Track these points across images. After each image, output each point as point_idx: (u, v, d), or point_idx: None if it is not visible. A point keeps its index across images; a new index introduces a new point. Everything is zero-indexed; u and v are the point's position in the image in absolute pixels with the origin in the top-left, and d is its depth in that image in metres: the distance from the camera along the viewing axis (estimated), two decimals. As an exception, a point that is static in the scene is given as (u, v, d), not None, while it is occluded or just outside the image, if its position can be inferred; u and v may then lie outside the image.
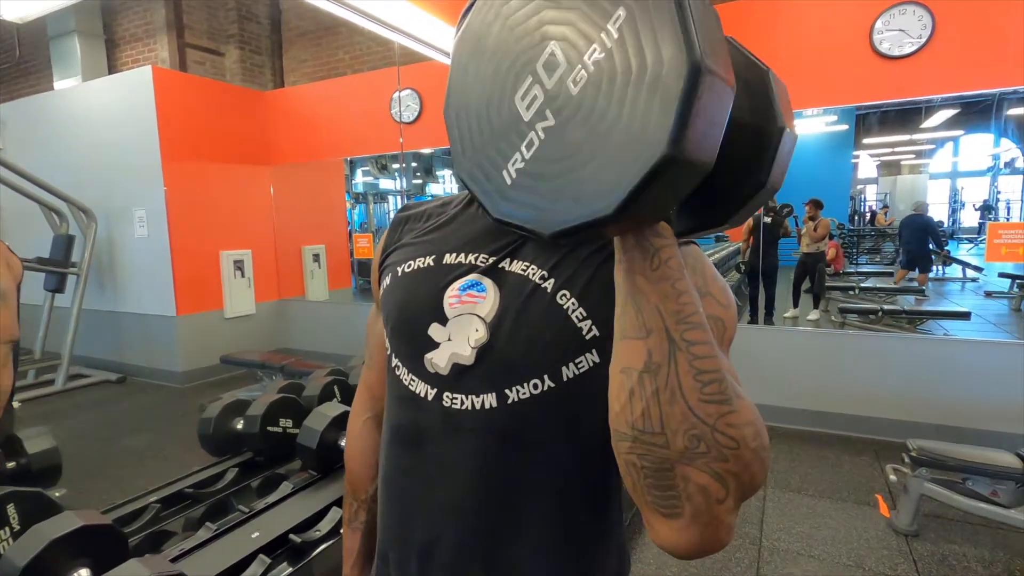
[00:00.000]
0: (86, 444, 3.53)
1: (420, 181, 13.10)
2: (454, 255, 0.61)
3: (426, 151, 9.33)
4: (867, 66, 3.20)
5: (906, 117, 12.70)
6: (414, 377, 0.59)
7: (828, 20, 3.27)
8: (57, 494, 1.46)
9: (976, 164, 17.03)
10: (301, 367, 3.93)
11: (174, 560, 1.07)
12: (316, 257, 5.88)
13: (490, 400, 0.55)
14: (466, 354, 0.56)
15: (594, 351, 0.54)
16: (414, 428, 0.59)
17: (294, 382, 1.87)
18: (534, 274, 0.57)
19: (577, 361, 0.54)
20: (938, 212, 16.84)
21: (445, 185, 13.94)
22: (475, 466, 0.56)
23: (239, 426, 1.67)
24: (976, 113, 12.75)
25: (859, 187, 16.68)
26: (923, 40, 3.04)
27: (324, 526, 1.26)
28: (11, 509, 1.15)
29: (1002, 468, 2.22)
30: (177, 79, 4.72)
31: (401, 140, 4.65)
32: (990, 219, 14.73)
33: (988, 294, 7.58)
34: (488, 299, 0.57)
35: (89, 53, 5.45)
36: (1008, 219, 14.01)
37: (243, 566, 1.11)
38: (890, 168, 17.63)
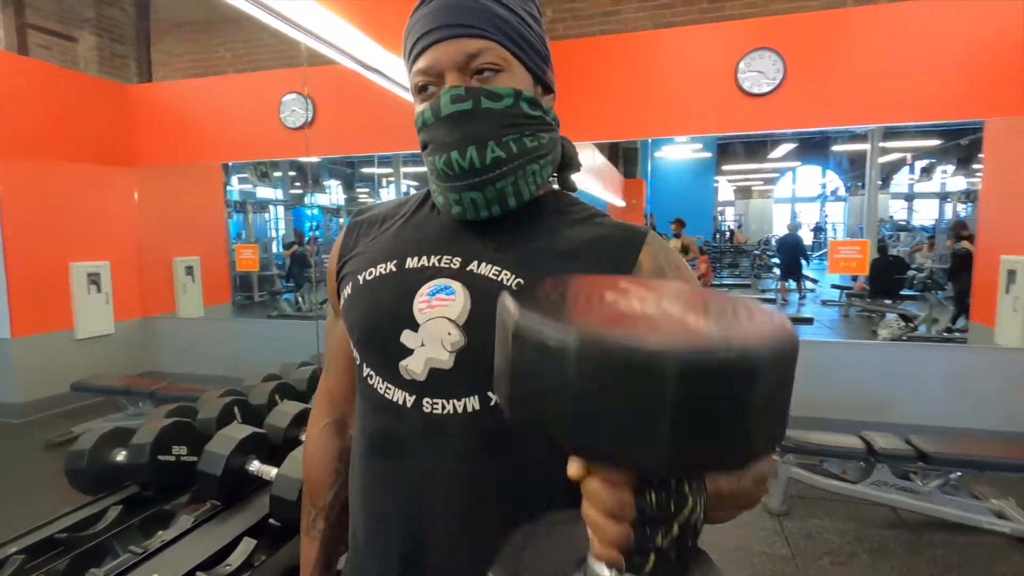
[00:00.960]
0: None
1: (300, 191, 12.43)
2: (416, 259, 0.60)
3: (314, 159, 8.91)
4: (733, 101, 3.62)
5: (756, 148, 14.53)
6: (390, 385, 0.58)
7: (701, 58, 3.66)
8: None
9: (810, 191, 19.82)
10: (176, 392, 3.54)
11: (55, 616, 0.91)
12: (189, 270, 5.35)
13: (472, 403, 0.55)
14: (444, 358, 0.55)
15: None
16: (393, 436, 0.58)
17: (184, 405, 1.68)
18: (507, 279, 0.57)
19: None
20: (781, 233, 19.31)
21: (332, 196, 13.35)
22: (461, 470, 0.56)
23: (119, 457, 1.47)
24: (810, 147, 14.87)
25: (720, 208, 18.66)
26: (777, 82, 3.51)
27: (235, 559, 1.15)
28: None
29: (849, 449, 2.59)
30: (15, 64, 4.08)
31: (307, 145, 4.40)
32: (820, 239, 17.23)
33: (824, 303, 8.82)
34: (458, 301, 0.56)
35: None
36: (835, 238, 16.43)
37: (141, 614, 0.98)
38: (743, 192, 19.96)
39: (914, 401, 3.49)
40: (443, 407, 0.55)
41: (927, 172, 14.44)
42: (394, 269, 0.60)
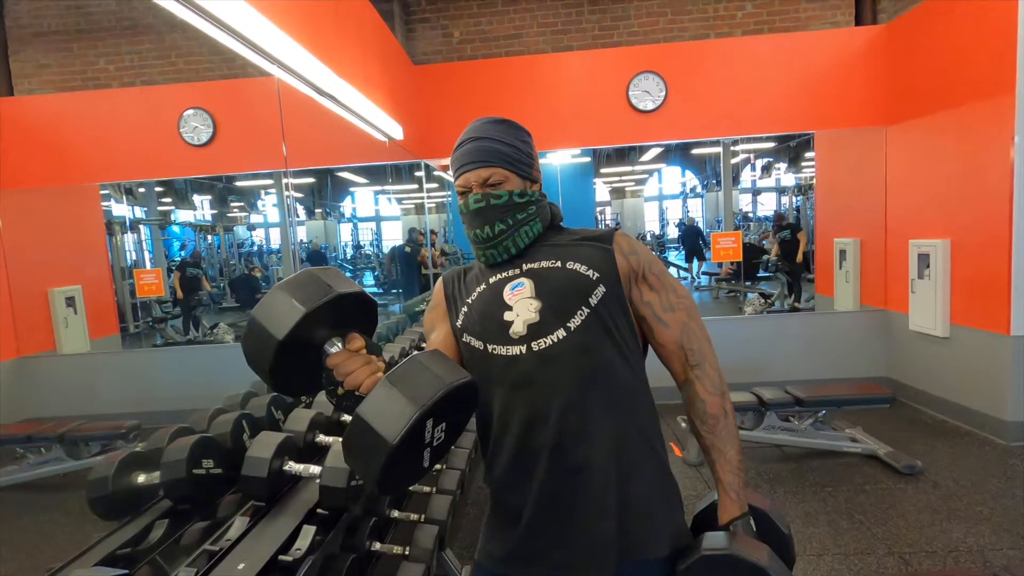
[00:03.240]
0: None
1: (168, 208, 11.38)
2: (493, 277, 1.01)
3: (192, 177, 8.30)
4: (625, 117, 4.15)
5: (628, 152, 15.90)
6: (508, 346, 0.93)
7: (595, 78, 4.15)
8: None
9: (673, 190, 21.94)
10: (89, 432, 3.27)
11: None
12: (71, 300, 4.84)
13: (559, 333, 0.90)
14: (533, 317, 0.92)
15: (600, 285, 0.93)
16: (520, 375, 0.91)
17: (184, 427, 1.71)
18: (547, 264, 0.98)
19: (595, 292, 0.92)
20: (654, 227, 21.22)
21: (201, 212, 12.35)
22: (571, 371, 0.90)
23: (142, 479, 1.50)
24: (670, 151, 16.55)
25: (599, 208, 20.08)
26: (661, 100, 4.09)
27: (302, 543, 1.29)
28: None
29: (745, 404, 3.17)
30: None
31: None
32: (682, 232, 19.20)
33: (697, 288, 10.01)
34: (527, 287, 0.96)
35: None
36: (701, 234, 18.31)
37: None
38: (618, 193, 21.66)
39: (780, 361, 4.27)
40: (544, 343, 0.90)
41: (766, 170, 16.76)
42: (486, 287, 1.01)
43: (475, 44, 4.36)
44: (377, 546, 1.69)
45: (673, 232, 20.44)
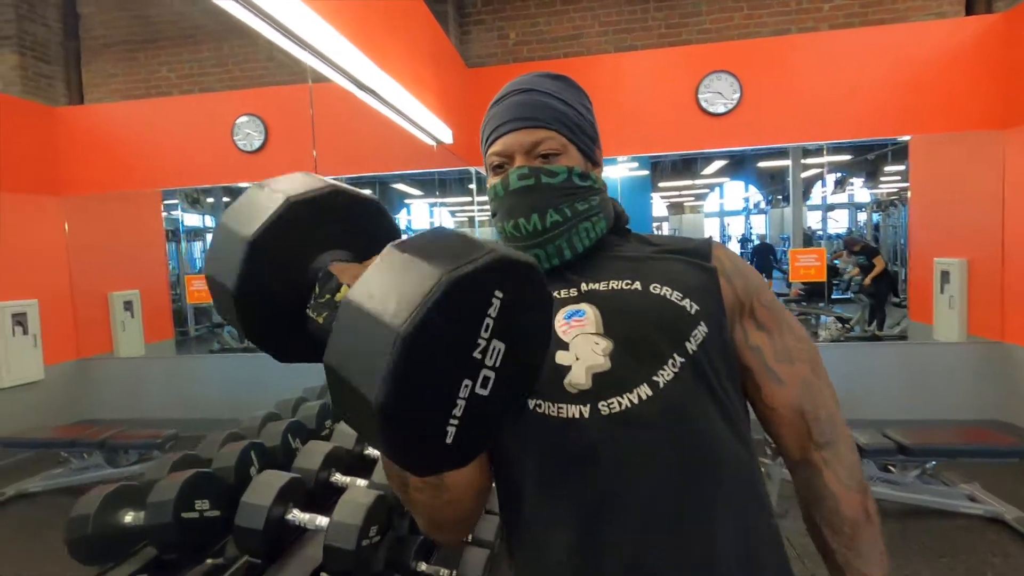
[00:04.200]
0: None
1: (236, 217, 11.79)
2: None
3: (245, 184, 8.52)
4: (694, 121, 3.80)
5: (688, 166, 15.30)
6: (560, 404, 0.62)
7: (662, 80, 3.83)
8: None
9: (735, 205, 21.07)
10: (131, 439, 3.22)
11: None
12: (128, 305, 4.93)
13: (644, 391, 0.61)
14: (600, 362, 0.62)
15: (701, 323, 0.65)
16: (580, 448, 0.61)
17: (190, 455, 1.52)
18: (618, 284, 0.68)
19: (693, 334, 0.64)
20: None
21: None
22: (663, 448, 0.60)
23: (129, 519, 1.30)
24: (736, 165, 15.84)
25: (656, 224, 19.49)
26: (734, 102, 3.72)
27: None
28: None
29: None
30: (-76, 83, 3.66)
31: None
32: (746, 249, 18.32)
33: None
34: (590, 317, 0.66)
35: None
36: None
37: None
38: (676, 208, 20.95)
39: (868, 398, 3.74)
40: (618, 404, 0.60)
41: (840, 185, 15.73)
42: None
43: (532, 46, 4.14)
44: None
45: (736, 249, 19.55)
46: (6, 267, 3.97)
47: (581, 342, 0.64)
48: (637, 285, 0.67)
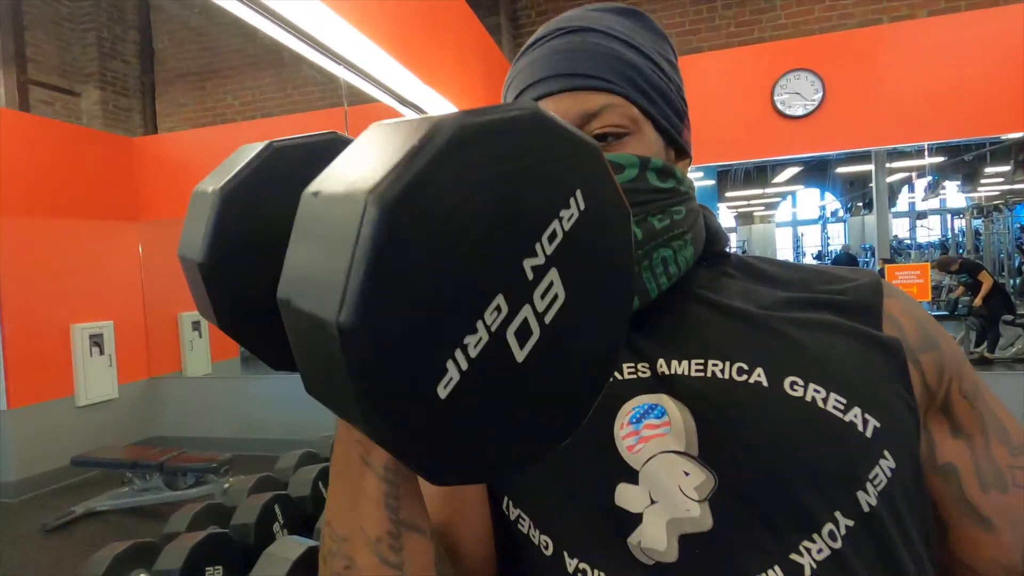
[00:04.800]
0: None
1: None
2: None
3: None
4: (768, 125, 3.46)
5: (758, 174, 14.55)
6: (624, 573, 0.37)
7: (733, 82, 3.52)
8: None
9: (809, 214, 19.89)
10: (187, 463, 3.24)
11: None
12: (196, 325, 5.10)
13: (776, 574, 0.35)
14: (695, 513, 0.37)
15: (886, 452, 0.37)
16: None
17: (213, 504, 1.41)
18: (722, 370, 0.40)
19: (872, 476, 0.37)
20: (786, 256, 19.29)
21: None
22: None
23: (141, 581, 1.19)
24: (810, 171, 14.92)
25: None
26: (816, 103, 3.36)
27: None
28: None
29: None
30: (16, 120, 3.93)
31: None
32: (827, 262, 17.15)
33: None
34: (676, 423, 0.39)
35: None
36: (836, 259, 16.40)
37: None
38: (745, 218, 19.98)
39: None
40: None
41: (932, 189, 14.47)
42: None
43: (589, 54, 3.96)
44: None
45: (810, 263, 18.34)
46: (86, 291, 4.19)
47: (661, 469, 0.38)
48: (759, 375, 0.39)
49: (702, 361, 0.41)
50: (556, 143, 0.25)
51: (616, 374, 0.43)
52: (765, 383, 0.39)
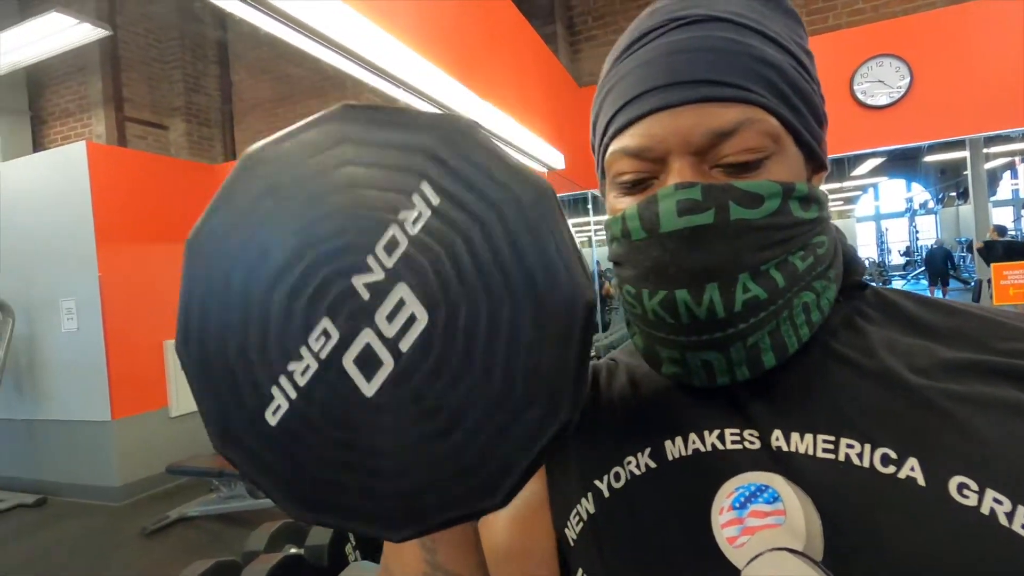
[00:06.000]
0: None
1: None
2: (682, 441, 0.36)
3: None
4: (847, 116, 3.23)
5: (836, 166, 13.70)
6: None
7: (806, 75, 3.32)
8: None
9: (895, 207, 18.49)
10: (267, 471, 3.39)
11: None
12: (274, 339, 5.39)
13: None
14: None
15: None
16: None
17: (287, 524, 1.45)
18: (860, 455, 0.31)
19: None
20: (869, 253, 18.02)
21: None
22: None
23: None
24: (895, 161, 13.88)
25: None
26: (902, 91, 3.10)
27: None
28: None
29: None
30: (115, 155, 4.30)
31: None
32: (916, 259, 15.87)
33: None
34: (793, 515, 0.31)
35: (12, 131, 4.96)
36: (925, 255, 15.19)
37: None
38: (821, 214, 18.88)
39: None
40: None
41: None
42: (653, 464, 0.37)
43: (648, 56, 3.86)
44: None
45: (898, 259, 17.02)
46: (175, 310, 4.51)
47: (771, 570, 0.31)
48: (913, 470, 0.30)
49: (832, 439, 0.33)
50: (376, 132, 0.22)
51: (714, 441, 0.36)
52: (921, 481, 0.30)
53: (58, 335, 4.12)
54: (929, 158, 12.63)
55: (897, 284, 13.70)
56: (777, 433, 0.34)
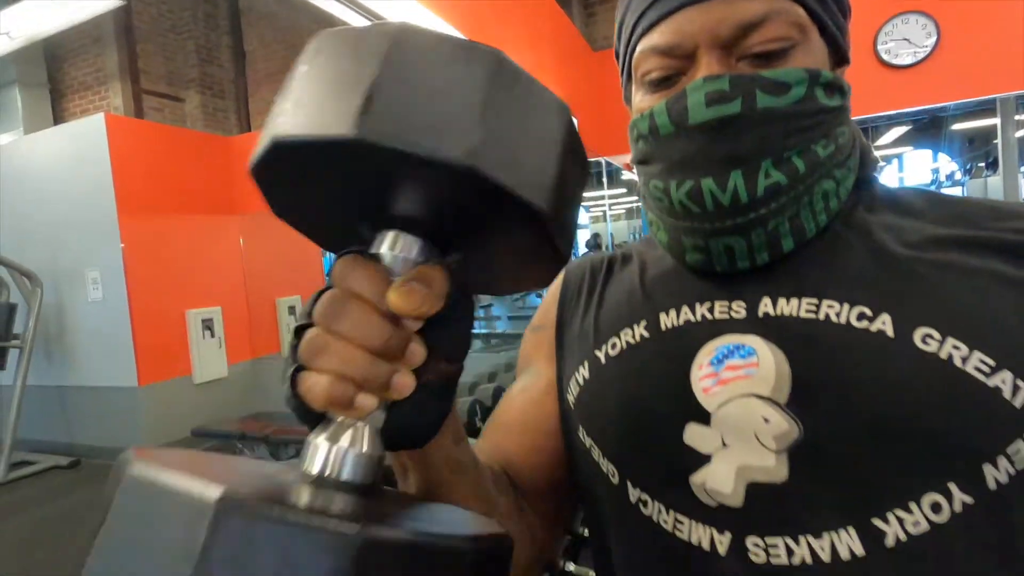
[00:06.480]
0: (35, 548, 2.98)
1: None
2: (674, 313, 0.41)
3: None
4: (871, 76, 3.14)
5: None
6: (680, 517, 0.36)
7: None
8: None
9: (920, 179, 18.00)
10: (285, 434, 3.50)
11: None
12: (292, 309, 5.48)
13: (848, 541, 0.31)
14: (769, 463, 0.34)
15: None
16: None
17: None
18: (838, 313, 0.35)
19: (1012, 452, 0.31)
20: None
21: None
22: None
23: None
24: (919, 130, 13.46)
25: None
26: (928, 49, 3.00)
27: None
28: None
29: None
30: (134, 126, 4.36)
31: None
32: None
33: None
34: (765, 365, 0.35)
35: (32, 104, 5.04)
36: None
37: None
38: (842, 186, 18.49)
39: None
40: (789, 551, 0.32)
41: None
42: (646, 334, 0.41)
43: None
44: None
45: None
46: (196, 280, 4.61)
47: (738, 412, 0.35)
48: (884, 323, 0.34)
49: (815, 301, 0.36)
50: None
51: (704, 312, 0.39)
52: (890, 333, 0.33)
53: (85, 304, 4.25)
54: (957, 126, 12.24)
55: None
56: (766, 300, 0.38)
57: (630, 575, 0.40)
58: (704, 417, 0.36)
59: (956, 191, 17.02)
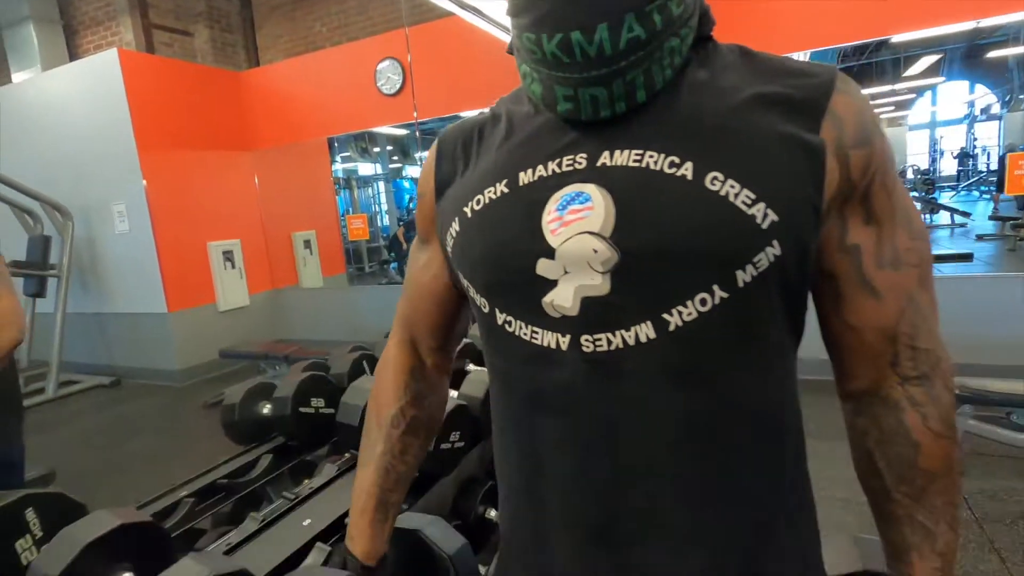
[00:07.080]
0: (88, 451, 3.37)
1: (398, 164, 12.78)
2: (531, 171, 0.48)
3: (401, 132, 9.03)
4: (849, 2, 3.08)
5: (886, 68, 12.67)
6: (536, 329, 0.47)
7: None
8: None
9: (953, 113, 17.14)
10: (305, 355, 3.79)
11: (227, 553, 0.96)
12: (307, 243, 5.69)
13: (645, 330, 0.43)
14: (596, 282, 0.44)
15: (775, 243, 0.42)
16: (553, 389, 0.47)
17: (316, 362, 1.74)
18: (656, 162, 0.44)
19: (756, 260, 0.42)
20: (920, 161, 16.97)
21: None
22: (648, 417, 0.45)
23: (266, 410, 1.54)
24: (951, 59, 12.74)
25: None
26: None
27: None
28: (30, 514, 1.02)
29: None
30: (146, 62, 4.45)
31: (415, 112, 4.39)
32: (968, 166, 14.91)
33: (979, 237, 7.63)
34: (597, 208, 0.44)
35: (47, 41, 5.12)
36: (988, 166, 14.19)
37: (301, 556, 1.00)
38: (870, 122, 17.65)
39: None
40: (608, 342, 0.44)
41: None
42: (506, 190, 0.49)
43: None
44: (492, 514, 1.50)
45: (948, 167, 16.02)
46: (216, 214, 4.81)
47: (576, 247, 0.44)
48: (687, 170, 0.43)
49: (640, 152, 0.44)
50: None
51: (554, 167, 0.47)
52: (690, 176, 0.43)
53: (113, 236, 4.50)
54: (992, 54, 11.55)
55: (946, 198, 12.97)
56: (605, 153, 0.46)
57: (505, 370, 0.52)
58: (551, 253, 0.45)
59: (992, 126, 16.21)
